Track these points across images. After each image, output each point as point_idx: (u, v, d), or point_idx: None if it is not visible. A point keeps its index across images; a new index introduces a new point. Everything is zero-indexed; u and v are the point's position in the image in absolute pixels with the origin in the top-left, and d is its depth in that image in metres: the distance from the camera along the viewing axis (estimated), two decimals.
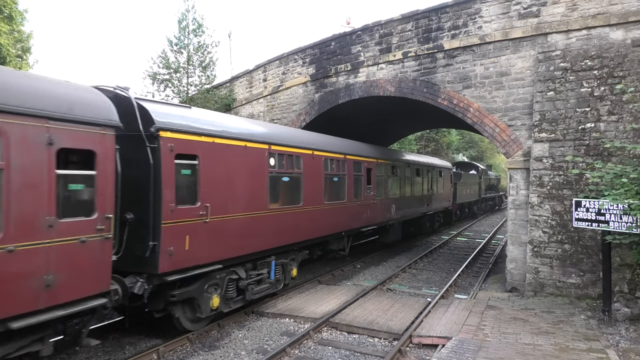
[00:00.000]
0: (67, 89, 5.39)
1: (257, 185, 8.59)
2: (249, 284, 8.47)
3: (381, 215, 14.69)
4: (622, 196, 7.02)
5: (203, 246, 7.14)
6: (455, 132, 44.36)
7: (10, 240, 4.42)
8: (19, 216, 4.54)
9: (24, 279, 4.61)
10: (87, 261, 5.26)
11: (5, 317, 4.43)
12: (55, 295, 4.88)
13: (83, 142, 5.21)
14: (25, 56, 22.31)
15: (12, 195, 4.46)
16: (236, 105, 18.42)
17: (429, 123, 23.01)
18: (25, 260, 4.60)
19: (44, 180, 4.76)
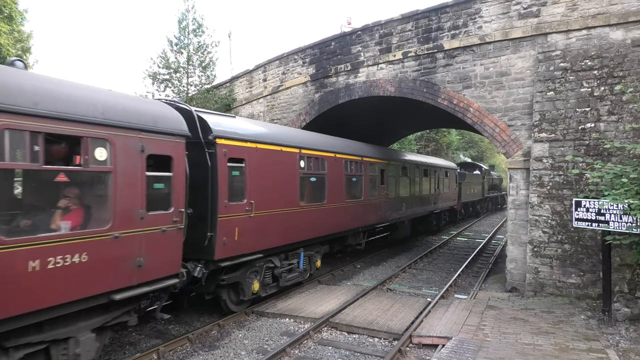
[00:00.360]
0: (152, 105, 6.72)
1: (290, 184, 9.66)
2: (282, 272, 9.64)
3: (393, 213, 15.64)
4: (622, 196, 7.01)
5: (248, 237, 8.28)
6: (455, 132, 44.37)
7: (116, 228, 5.57)
8: (121, 209, 5.69)
9: (124, 260, 5.73)
10: (165, 247, 6.40)
11: (110, 291, 5.56)
12: (144, 274, 6.01)
13: (164, 149, 6.35)
14: (25, 56, 22.33)
15: (117, 192, 5.60)
16: (236, 105, 18.43)
17: (429, 123, 23.01)
18: (126, 245, 5.73)
19: (138, 181, 5.92)
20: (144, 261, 5.96)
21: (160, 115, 6.44)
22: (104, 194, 5.62)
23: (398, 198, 15.96)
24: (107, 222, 5.52)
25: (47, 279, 4.81)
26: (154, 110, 6.45)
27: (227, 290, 8.45)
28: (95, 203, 5.70)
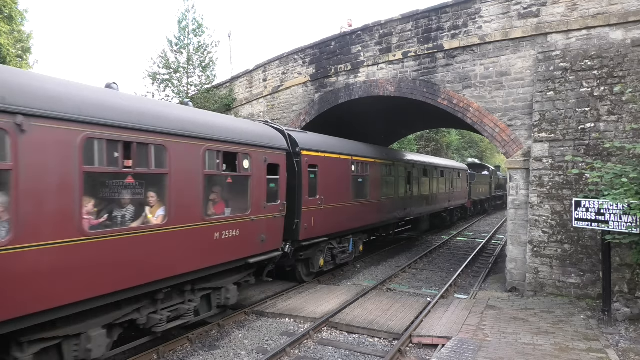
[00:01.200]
0: (267, 129, 9.53)
1: (345, 184, 12.34)
2: (338, 253, 12.35)
3: (416, 209, 18.43)
4: (622, 196, 7.01)
5: (319, 224, 10.89)
6: (455, 132, 44.41)
7: (252, 214, 8.27)
8: (255, 201, 8.40)
9: (256, 236, 8.43)
10: (275, 229, 9.13)
11: (247, 256, 8.21)
12: (265, 247, 8.73)
13: (275, 159, 9.04)
14: (25, 56, 22.34)
15: (253, 189, 8.32)
16: (236, 105, 18.43)
17: (429, 123, 23.01)
18: (257, 225, 8.42)
19: (263, 182, 8.62)
20: (265, 237, 8.71)
21: (272, 136, 9.25)
22: (246, 190, 8.24)
23: (420, 196, 18.59)
24: (248, 209, 8.21)
25: (221, 245, 7.49)
26: (269, 133, 9.29)
27: (301, 264, 11.27)
28: (243, 196, 8.23)
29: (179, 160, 6.57)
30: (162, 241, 6.31)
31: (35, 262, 4.71)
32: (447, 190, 22.92)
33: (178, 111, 7.18)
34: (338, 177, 11.92)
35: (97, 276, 5.37)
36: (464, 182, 26.97)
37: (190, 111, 7.53)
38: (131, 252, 5.85)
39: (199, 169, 7.00)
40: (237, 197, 8.20)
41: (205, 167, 7.09)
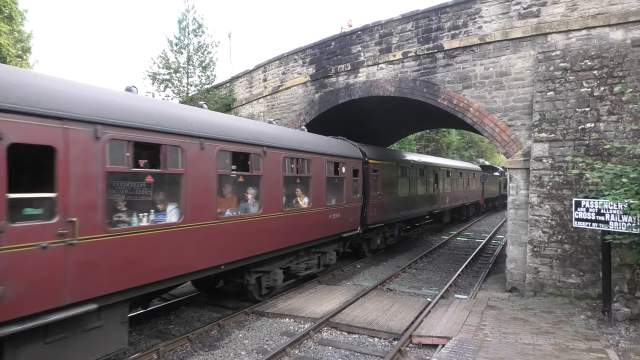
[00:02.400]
0: (349, 144, 13.14)
1: (395, 183, 16.34)
2: (388, 236, 16.53)
3: (441, 204, 22.37)
4: (622, 196, 7.01)
5: (378, 213, 14.67)
6: (455, 132, 44.43)
7: (346, 204, 12.09)
8: (347, 194, 12.22)
9: (346, 219, 12.19)
10: (357, 214, 13.01)
11: (342, 232, 12.11)
12: (351, 226, 12.49)
13: (356, 165, 12.98)
14: (25, 56, 22.34)
15: (346, 186, 12.16)
16: (236, 105, 18.43)
17: (429, 123, 23.03)
18: (348, 211, 12.25)
19: (351, 181, 12.41)
20: (352, 220, 12.62)
21: (354, 150, 13.26)
22: (342, 187, 12.22)
23: (444, 194, 22.58)
24: (344, 200, 12.16)
25: (331, 223, 11.44)
26: (352, 147, 13.21)
27: (365, 242, 15.09)
28: (341, 191, 12.17)
29: (317, 168, 10.81)
30: (308, 218, 10.46)
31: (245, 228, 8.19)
32: (465, 189, 27.16)
33: (315, 139, 11.26)
34: (391, 178, 15.94)
35: (275, 238, 9.16)
36: (478, 182, 31.15)
37: (316, 137, 11.51)
38: (295, 223, 9.91)
39: (324, 174, 11.18)
40: (339, 191, 12.18)
41: (326, 172, 11.25)
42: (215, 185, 7.41)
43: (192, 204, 6.89)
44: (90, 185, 5.33)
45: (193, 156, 6.91)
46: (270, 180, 8.87)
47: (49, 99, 4.95)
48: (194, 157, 6.93)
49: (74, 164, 5.12)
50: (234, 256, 7.93)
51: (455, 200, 24.81)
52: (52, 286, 4.87)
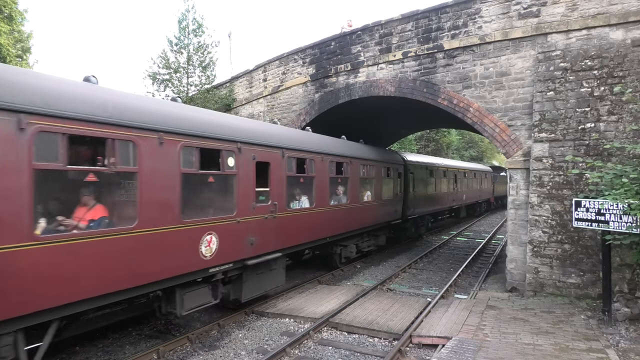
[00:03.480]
0: (393, 153, 17.82)
1: (426, 182, 19.98)
2: (420, 226, 20.01)
3: (460, 201, 26.58)
4: (622, 196, 7.01)
5: (414, 207, 18.18)
6: (455, 132, 44.45)
7: (392, 197, 16.03)
8: (394, 191, 16.27)
9: (390, 209, 15.93)
10: (399, 208, 16.69)
11: (390, 220, 16.03)
12: (395, 215, 16.46)
13: (399, 169, 16.79)
14: (25, 56, 22.34)
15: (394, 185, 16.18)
16: (236, 105, 18.42)
17: (429, 123, 23.01)
18: (390, 204, 15.78)
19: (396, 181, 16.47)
20: (395, 211, 16.11)
21: (397, 156, 16.99)
22: (392, 185, 15.86)
23: (462, 192, 26.64)
24: (391, 196, 15.68)
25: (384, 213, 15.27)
26: (396, 155, 17.21)
27: (403, 231, 18.11)
28: (390, 188, 15.58)
29: (377, 172, 14.56)
30: (371, 208, 14.11)
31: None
32: (478, 187, 31.31)
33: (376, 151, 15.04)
34: (422, 179, 19.57)
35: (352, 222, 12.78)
36: (489, 182, 35.43)
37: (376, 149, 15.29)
38: (364, 212, 13.57)
39: (382, 176, 14.97)
40: (389, 189, 15.73)
41: (383, 175, 15.04)
42: (327, 182, 11.39)
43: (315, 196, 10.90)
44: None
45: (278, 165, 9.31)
46: (354, 181, 12.97)
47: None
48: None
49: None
50: (333, 232, 11.86)
51: (471, 197, 29.14)
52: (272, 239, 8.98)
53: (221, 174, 7.63)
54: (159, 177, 6.32)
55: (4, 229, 4.51)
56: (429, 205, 20.39)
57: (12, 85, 4.71)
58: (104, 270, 5.50)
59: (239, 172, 7.94)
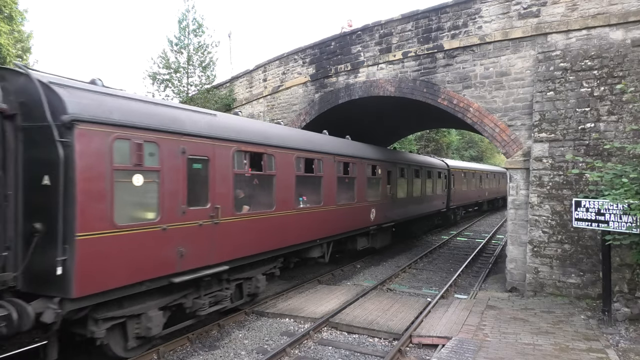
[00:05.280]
0: (437, 159, 24.25)
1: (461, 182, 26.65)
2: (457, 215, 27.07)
3: (484, 197, 33.31)
4: (622, 196, 7.01)
5: (454, 200, 24.84)
6: (455, 132, 44.41)
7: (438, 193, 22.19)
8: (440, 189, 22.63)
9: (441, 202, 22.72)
10: (444, 200, 23.18)
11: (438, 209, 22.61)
12: (441, 206, 22.79)
13: (444, 172, 23.24)
14: (25, 56, 22.34)
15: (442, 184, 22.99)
16: (236, 105, 18.42)
17: (429, 123, 23.02)
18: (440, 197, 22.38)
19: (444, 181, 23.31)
20: (442, 202, 22.99)
21: (441, 162, 23.66)
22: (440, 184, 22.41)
23: (485, 189, 33.30)
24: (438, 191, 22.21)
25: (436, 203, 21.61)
26: (442, 162, 23.88)
27: (445, 218, 24.56)
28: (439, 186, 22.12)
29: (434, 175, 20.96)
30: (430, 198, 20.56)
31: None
32: (497, 186, 37.02)
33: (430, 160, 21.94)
34: (459, 179, 25.85)
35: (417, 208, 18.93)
36: (503, 181, 40.56)
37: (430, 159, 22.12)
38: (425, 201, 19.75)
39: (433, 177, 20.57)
40: (438, 186, 21.01)
41: (435, 177, 20.78)
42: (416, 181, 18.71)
43: None
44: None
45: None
46: (424, 180, 19.42)
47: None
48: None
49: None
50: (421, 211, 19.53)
51: (491, 194, 35.75)
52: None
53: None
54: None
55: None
56: (463, 200, 27.35)
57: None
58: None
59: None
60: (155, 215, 6.37)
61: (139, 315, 6.35)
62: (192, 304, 7.21)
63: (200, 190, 7.21)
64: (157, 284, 6.42)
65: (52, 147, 5.18)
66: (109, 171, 5.68)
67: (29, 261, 5.32)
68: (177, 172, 6.71)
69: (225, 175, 7.73)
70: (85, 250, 5.34)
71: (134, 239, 6.01)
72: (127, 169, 5.99)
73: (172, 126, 6.67)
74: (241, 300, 8.67)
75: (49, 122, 5.20)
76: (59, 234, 5.20)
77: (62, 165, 5.19)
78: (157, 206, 6.39)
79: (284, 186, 9.40)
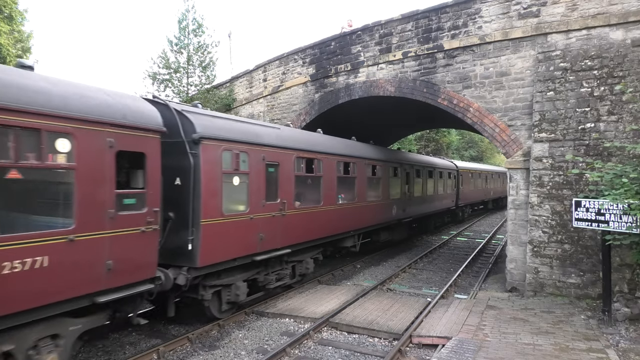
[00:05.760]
0: (447, 161, 25.77)
1: (476, 182, 30.64)
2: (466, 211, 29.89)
3: (490, 196, 35.48)
4: (622, 196, 7.01)
5: (463, 199, 26.56)
6: (455, 132, 44.41)
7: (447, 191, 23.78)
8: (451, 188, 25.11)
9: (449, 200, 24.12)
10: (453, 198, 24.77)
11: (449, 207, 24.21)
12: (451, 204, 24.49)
13: (453, 173, 24.89)
14: (25, 56, 22.32)
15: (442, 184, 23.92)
16: (236, 105, 18.42)
17: (429, 123, 23.03)
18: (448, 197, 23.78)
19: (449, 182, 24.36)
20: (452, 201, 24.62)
21: (451, 164, 25.31)
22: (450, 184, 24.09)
23: (490, 189, 35.43)
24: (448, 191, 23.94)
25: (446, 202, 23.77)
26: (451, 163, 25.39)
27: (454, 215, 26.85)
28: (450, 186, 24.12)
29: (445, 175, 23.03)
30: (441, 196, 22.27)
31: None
32: (500, 186, 38.52)
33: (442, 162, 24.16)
34: (466, 179, 27.78)
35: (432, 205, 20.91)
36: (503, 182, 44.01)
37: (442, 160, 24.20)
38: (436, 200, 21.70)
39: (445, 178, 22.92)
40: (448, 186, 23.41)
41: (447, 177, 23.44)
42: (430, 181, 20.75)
43: None
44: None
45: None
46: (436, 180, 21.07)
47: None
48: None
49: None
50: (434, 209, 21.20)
51: (496, 193, 37.66)
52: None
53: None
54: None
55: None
56: (470, 198, 29.21)
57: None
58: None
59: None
60: (245, 208, 8.47)
61: (229, 285, 8.36)
62: (263, 279, 9.25)
63: (273, 188, 9.30)
64: (244, 261, 8.44)
65: (184, 156, 7.16)
66: (220, 174, 7.73)
67: (164, 241, 6.89)
68: (260, 174, 8.80)
69: (289, 176, 9.85)
70: (206, 233, 7.30)
71: (232, 225, 8.05)
72: (229, 172, 8.00)
73: (256, 139, 8.78)
74: (295, 279, 10.60)
75: (183, 138, 7.17)
76: (189, 220, 7.13)
77: (192, 170, 7.15)
78: (247, 201, 8.49)
79: (328, 186, 11.47)
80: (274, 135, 9.54)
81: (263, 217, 8.81)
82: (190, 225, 7.11)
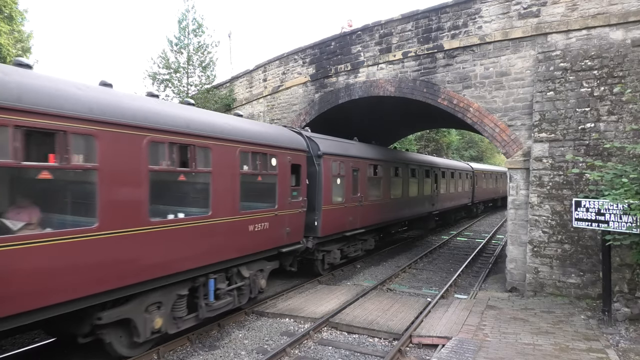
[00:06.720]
0: (464, 163, 30.15)
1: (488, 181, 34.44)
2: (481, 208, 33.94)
3: (498, 194, 36.85)
4: (622, 196, 7.00)
5: (478, 196, 30.58)
6: (455, 132, 44.42)
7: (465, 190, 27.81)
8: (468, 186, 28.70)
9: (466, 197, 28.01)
10: (470, 195, 28.78)
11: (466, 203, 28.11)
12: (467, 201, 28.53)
13: (469, 173, 28.88)
14: (25, 56, 22.33)
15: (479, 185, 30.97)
16: (236, 105, 18.42)
17: (429, 123, 23.03)
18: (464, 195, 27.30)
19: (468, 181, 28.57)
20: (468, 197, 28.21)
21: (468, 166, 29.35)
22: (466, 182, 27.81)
23: (499, 187, 36.91)
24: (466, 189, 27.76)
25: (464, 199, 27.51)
26: (467, 165, 29.82)
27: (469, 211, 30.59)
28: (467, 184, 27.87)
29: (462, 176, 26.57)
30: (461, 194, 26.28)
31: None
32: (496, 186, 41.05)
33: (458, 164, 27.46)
34: (479, 179, 30.37)
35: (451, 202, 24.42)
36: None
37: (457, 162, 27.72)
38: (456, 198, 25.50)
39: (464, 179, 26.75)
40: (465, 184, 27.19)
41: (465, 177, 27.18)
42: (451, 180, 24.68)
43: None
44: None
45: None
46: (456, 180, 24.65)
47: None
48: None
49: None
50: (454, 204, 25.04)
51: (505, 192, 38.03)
52: None
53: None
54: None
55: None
56: (483, 196, 32.57)
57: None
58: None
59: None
60: (342, 199, 12.18)
61: (330, 251, 12.19)
62: (346, 250, 13.13)
63: (356, 186, 12.95)
64: (340, 235, 12.31)
65: (312, 166, 10.86)
66: (331, 177, 11.47)
67: None
68: (349, 176, 12.50)
69: (364, 178, 13.58)
70: (324, 215, 11.10)
71: (336, 211, 11.81)
72: (335, 175, 11.78)
73: (347, 152, 12.50)
74: (362, 252, 14.46)
75: (312, 154, 10.86)
76: (316, 206, 10.90)
77: (318, 174, 10.93)
78: (343, 194, 12.18)
79: (385, 184, 15.16)
80: (354, 149, 13.13)
81: (351, 206, 12.58)
82: (316, 209, 10.88)
